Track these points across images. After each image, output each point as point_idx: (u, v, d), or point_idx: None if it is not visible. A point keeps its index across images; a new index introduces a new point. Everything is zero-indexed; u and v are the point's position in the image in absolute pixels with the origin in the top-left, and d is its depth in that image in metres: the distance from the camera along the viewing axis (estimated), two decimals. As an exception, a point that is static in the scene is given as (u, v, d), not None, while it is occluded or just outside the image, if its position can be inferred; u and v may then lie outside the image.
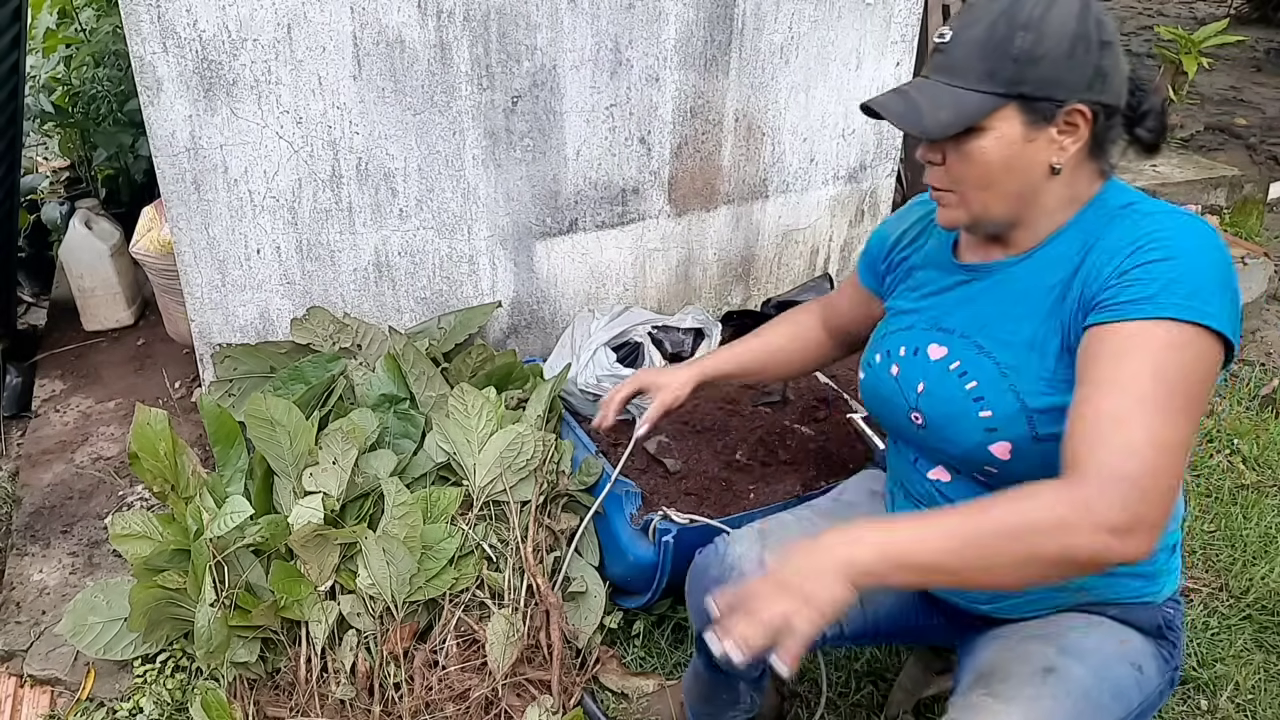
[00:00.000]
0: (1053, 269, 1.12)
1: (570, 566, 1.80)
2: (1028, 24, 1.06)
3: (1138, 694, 1.17)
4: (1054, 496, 0.94)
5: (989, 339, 1.16)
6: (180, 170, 1.79)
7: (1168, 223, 1.05)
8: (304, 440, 1.69)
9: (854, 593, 0.94)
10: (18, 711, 1.67)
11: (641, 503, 1.75)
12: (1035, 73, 1.06)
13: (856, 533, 0.97)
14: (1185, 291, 0.98)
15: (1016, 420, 1.11)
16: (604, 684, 1.77)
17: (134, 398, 2.37)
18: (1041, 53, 1.05)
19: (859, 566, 0.94)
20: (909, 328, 1.27)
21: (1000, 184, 1.11)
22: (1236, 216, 3.74)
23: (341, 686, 1.61)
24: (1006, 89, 1.06)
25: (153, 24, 1.67)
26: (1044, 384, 1.10)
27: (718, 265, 2.50)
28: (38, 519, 2.05)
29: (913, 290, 1.31)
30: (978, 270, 1.21)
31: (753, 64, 2.27)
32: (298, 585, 1.60)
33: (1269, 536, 2.16)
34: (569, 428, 1.94)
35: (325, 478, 1.67)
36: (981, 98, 1.07)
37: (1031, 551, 0.93)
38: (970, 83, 1.07)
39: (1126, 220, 1.08)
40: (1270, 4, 7.65)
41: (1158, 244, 1.02)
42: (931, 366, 1.20)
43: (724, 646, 0.95)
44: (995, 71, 1.06)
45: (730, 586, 1.28)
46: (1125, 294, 1.00)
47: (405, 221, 2.02)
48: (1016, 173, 1.10)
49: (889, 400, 1.27)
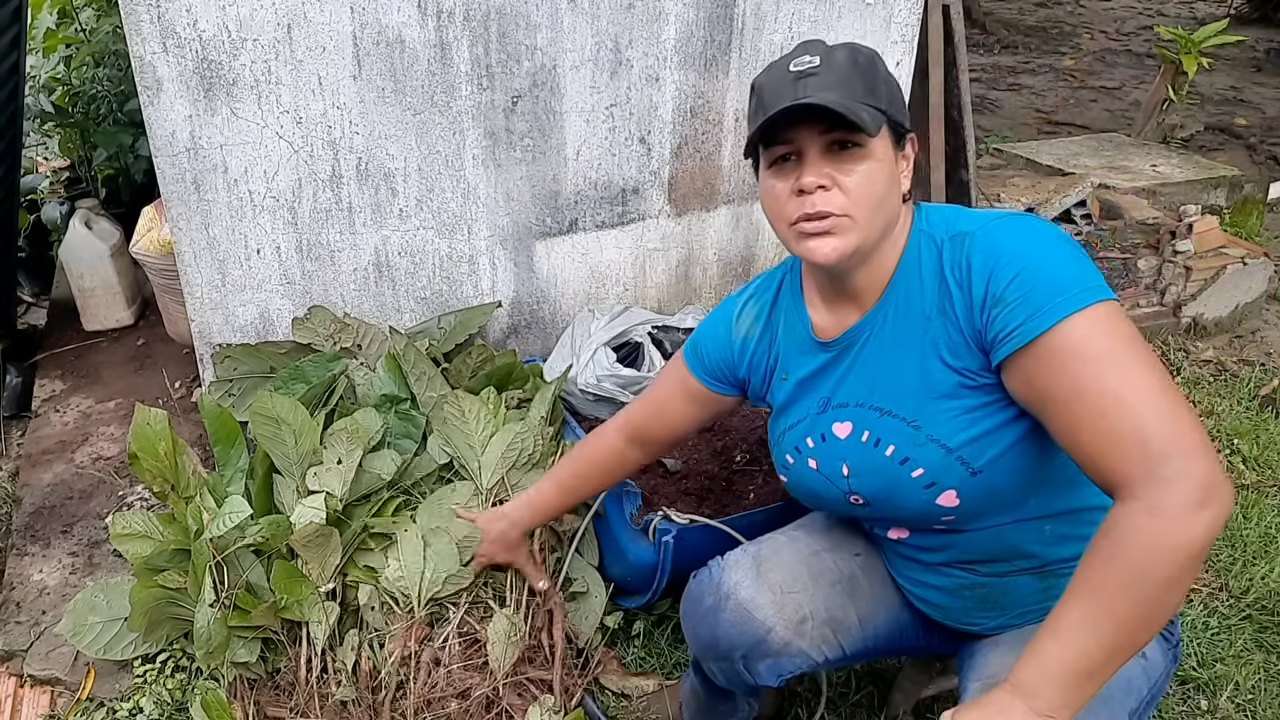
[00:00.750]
0: (910, 311, 1.13)
1: (570, 566, 1.80)
2: (874, 54, 1.11)
3: (1145, 682, 1.18)
4: (1130, 525, 0.92)
5: (884, 398, 1.15)
6: (180, 170, 1.79)
7: (996, 235, 1.06)
8: (309, 439, 1.69)
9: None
10: (18, 711, 1.67)
11: (641, 503, 1.75)
12: (895, 96, 1.10)
13: (1026, 687, 0.93)
14: (1057, 287, 0.99)
15: (948, 467, 1.10)
16: (604, 684, 1.77)
17: (134, 398, 2.37)
18: (894, 81, 1.11)
19: (1060, 718, 0.92)
20: (803, 418, 1.25)
21: (885, 203, 1.11)
22: (1236, 216, 3.74)
23: (342, 687, 1.61)
24: (885, 106, 1.08)
25: (153, 24, 1.67)
26: (956, 421, 1.10)
27: (718, 265, 2.50)
28: (38, 519, 2.05)
29: (784, 380, 1.28)
30: (843, 340, 1.20)
31: (753, 64, 2.27)
32: (299, 585, 1.60)
33: (1269, 536, 2.16)
34: (569, 428, 1.94)
35: (329, 477, 1.67)
36: (875, 110, 1.07)
37: (1158, 580, 0.90)
38: (859, 96, 1.07)
39: (959, 245, 1.09)
40: (1270, 4, 7.66)
41: (1004, 260, 1.03)
42: (845, 445, 1.19)
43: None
44: (873, 88, 1.08)
45: (726, 615, 1.28)
46: (1015, 317, 1.01)
47: (405, 221, 2.02)
48: (894, 192, 1.12)
49: (821, 494, 1.26)
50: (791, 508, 1.67)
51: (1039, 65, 6.83)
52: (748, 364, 1.33)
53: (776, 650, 1.27)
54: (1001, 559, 1.20)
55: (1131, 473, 0.92)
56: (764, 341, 1.31)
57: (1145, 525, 0.91)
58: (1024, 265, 1.01)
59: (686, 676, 1.56)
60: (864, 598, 1.34)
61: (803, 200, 1.09)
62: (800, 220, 1.10)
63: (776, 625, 1.26)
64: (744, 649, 1.27)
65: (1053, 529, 1.17)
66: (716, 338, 1.37)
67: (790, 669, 1.29)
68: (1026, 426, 1.07)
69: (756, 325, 1.32)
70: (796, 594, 1.29)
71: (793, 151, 1.10)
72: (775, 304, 1.31)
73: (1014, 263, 1.02)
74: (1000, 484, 1.11)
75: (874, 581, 1.36)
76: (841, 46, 1.10)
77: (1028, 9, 8.76)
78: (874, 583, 1.36)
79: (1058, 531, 1.17)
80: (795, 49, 1.12)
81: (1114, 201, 3.59)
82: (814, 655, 1.29)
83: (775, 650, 1.27)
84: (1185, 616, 1.92)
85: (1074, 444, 0.98)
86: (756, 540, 1.40)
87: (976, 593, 1.24)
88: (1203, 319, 3.12)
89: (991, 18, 7.88)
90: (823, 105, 1.04)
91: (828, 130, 1.07)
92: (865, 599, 1.34)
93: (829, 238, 1.09)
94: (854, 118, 1.03)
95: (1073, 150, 4.10)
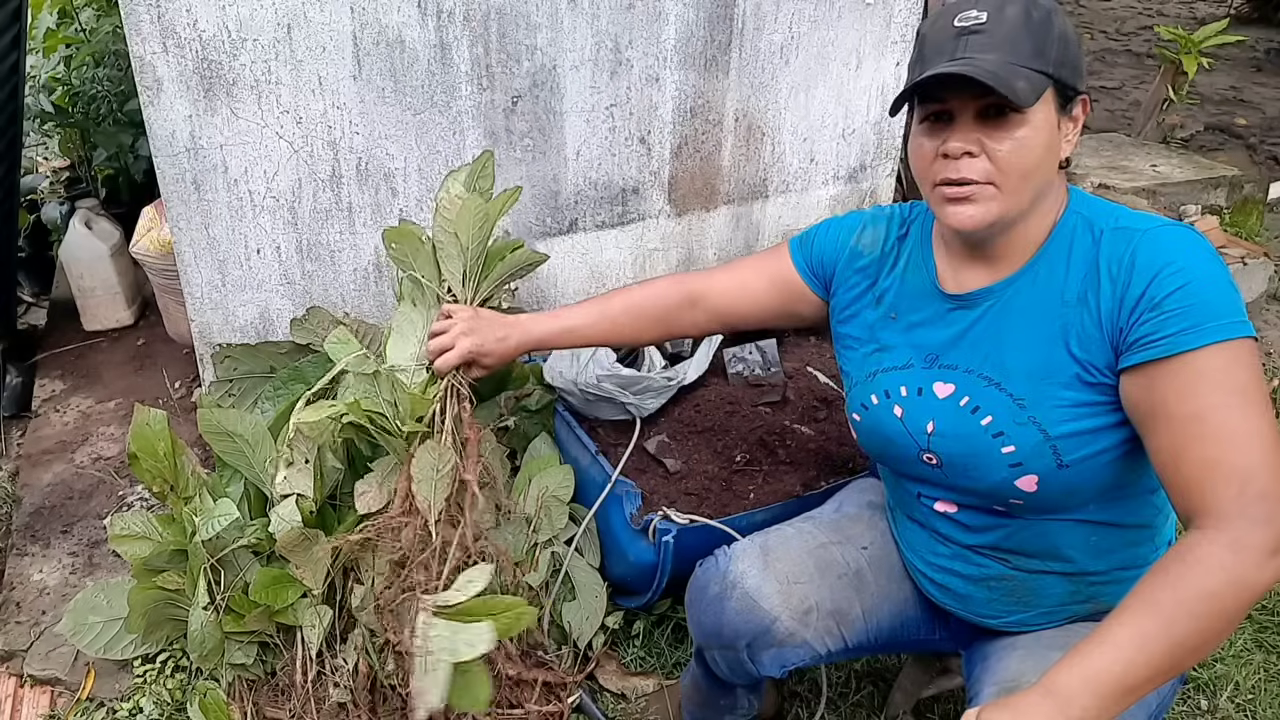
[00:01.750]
0: (1049, 291, 1.10)
1: (570, 566, 1.80)
2: (1052, 7, 1.04)
3: (1154, 696, 1.17)
4: (1207, 553, 0.92)
5: (997, 370, 1.13)
6: (180, 170, 1.79)
7: (1166, 241, 1.04)
8: (266, 447, 1.66)
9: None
10: (18, 711, 1.67)
11: (641, 503, 1.75)
12: (1068, 56, 1.05)
13: (1063, 692, 0.91)
14: (1216, 311, 0.98)
15: (1041, 452, 1.09)
16: (603, 684, 1.77)
17: (134, 398, 2.37)
18: (1071, 36, 1.05)
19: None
20: (906, 365, 1.22)
21: (1038, 173, 1.07)
22: (1236, 216, 3.73)
23: (339, 690, 1.61)
24: (1053, 70, 1.03)
25: (153, 24, 1.67)
26: (1062, 411, 1.08)
27: (718, 265, 2.50)
28: (38, 519, 2.05)
29: (891, 319, 1.25)
30: (968, 299, 1.17)
31: (753, 64, 2.27)
32: (284, 592, 1.59)
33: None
34: (569, 427, 1.94)
35: (299, 479, 1.63)
36: (1038, 75, 1.03)
37: (1222, 613, 0.91)
38: (1023, 59, 1.02)
39: (1124, 240, 1.06)
40: (1270, 4, 7.66)
41: (1172, 268, 1.01)
42: (941, 405, 1.17)
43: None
44: (1043, 50, 1.03)
45: (731, 604, 1.28)
46: (1167, 327, 0.99)
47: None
48: (1049, 161, 1.07)
49: (895, 443, 1.23)
50: (791, 507, 1.67)
51: (1039, 65, 6.81)
52: (852, 273, 1.31)
53: (781, 640, 1.27)
54: (1038, 556, 1.19)
55: (1224, 507, 0.93)
56: (873, 265, 1.29)
57: (1224, 558, 0.91)
58: (1190, 279, 1.00)
59: (687, 670, 1.56)
60: (870, 591, 1.34)
61: (947, 164, 1.07)
62: (942, 184, 1.08)
63: (782, 615, 1.26)
64: (749, 637, 1.28)
65: (1098, 540, 1.17)
66: (832, 234, 1.35)
67: (794, 660, 1.29)
68: (1125, 435, 1.07)
69: (875, 247, 1.30)
70: (802, 584, 1.29)
71: (945, 110, 1.07)
72: (903, 239, 1.28)
73: (1181, 274, 1.00)
74: (1081, 483, 1.10)
75: (881, 576, 1.36)
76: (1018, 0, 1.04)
77: (1028, 9, 8.74)
78: (880, 577, 1.35)
79: (1101, 544, 1.17)
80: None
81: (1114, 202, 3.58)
82: (818, 647, 1.29)
83: (780, 640, 1.27)
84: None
85: (1174, 464, 0.98)
86: (764, 531, 1.40)
87: (1005, 584, 1.23)
88: (1203, 319, 3.11)
89: (991, 18, 7.86)
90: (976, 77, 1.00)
91: (982, 95, 1.03)
92: (871, 593, 1.34)
93: (969, 204, 1.07)
94: (1006, 91, 0.99)
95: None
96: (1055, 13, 1.05)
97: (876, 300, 1.28)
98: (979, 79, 1.00)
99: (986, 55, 1.02)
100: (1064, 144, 1.09)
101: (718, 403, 2.03)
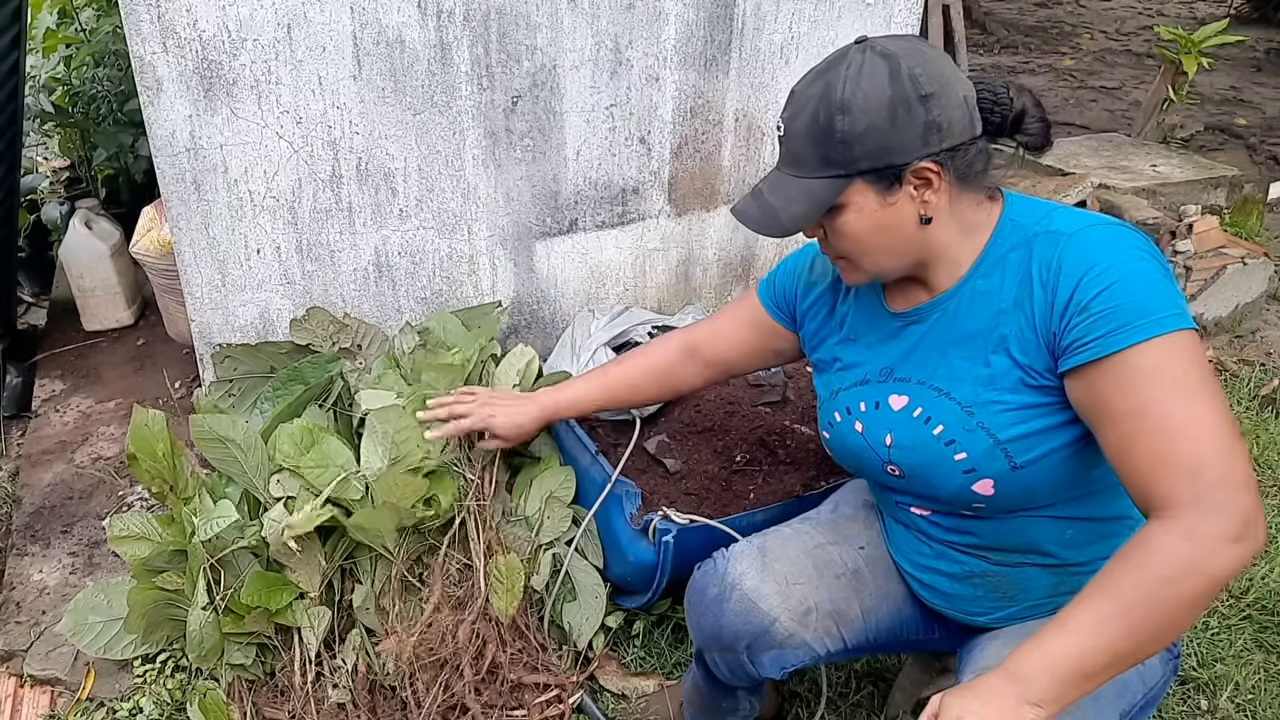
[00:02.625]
0: (988, 300, 1.13)
1: (571, 567, 1.80)
2: (843, 107, 1.06)
3: (1141, 686, 1.18)
4: (1163, 542, 0.94)
5: (945, 380, 1.16)
6: (180, 170, 1.79)
7: (1094, 241, 1.05)
8: (258, 451, 1.67)
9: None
10: (18, 711, 1.67)
11: (641, 503, 1.75)
12: (864, 149, 1.07)
13: (1021, 674, 0.94)
14: (1146, 308, 0.99)
15: (992, 456, 1.11)
16: (604, 684, 1.77)
17: (134, 398, 2.37)
18: (862, 129, 1.06)
19: (1047, 710, 0.93)
20: (863, 382, 1.26)
21: (878, 246, 1.14)
22: (1236, 216, 3.73)
23: (338, 690, 1.61)
24: (846, 170, 1.09)
25: (153, 24, 1.67)
26: (1009, 415, 1.10)
27: (718, 265, 2.50)
28: (38, 519, 2.05)
29: (851, 340, 1.30)
30: (912, 315, 1.21)
31: (753, 64, 2.27)
32: (279, 594, 1.59)
33: (1269, 537, 2.16)
34: (569, 427, 1.94)
35: (294, 482, 1.65)
36: (826, 183, 1.10)
37: (1180, 598, 0.92)
38: (810, 171, 1.10)
39: (1052, 244, 1.08)
40: (1270, 4, 7.65)
41: (1097, 270, 1.02)
42: (896, 417, 1.20)
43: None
44: (829, 157, 1.09)
45: (730, 605, 1.29)
46: (1096, 329, 1.01)
47: (405, 221, 2.02)
48: (889, 233, 1.13)
49: (860, 457, 1.27)
50: (791, 507, 1.67)
51: (1039, 65, 6.83)
52: (810, 303, 1.38)
53: (780, 641, 1.28)
54: (1017, 551, 1.20)
55: (1178, 497, 0.94)
56: (830, 292, 1.35)
57: (1180, 545, 0.93)
58: (1115, 279, 1.01)
59: (689, 674, 1.57)
60: (868, 591, 1.35)
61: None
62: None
63: (781, 616, 1.27)
64: (749, 639, 1.28)
65: (1074, 533, 1.18)
66: (789, 270, 1.43)
67: (793, 661, 1.29)
68: (1076, 433, 1.08)
69: (826, 276, 1.36)
70: (801, 585, 1.30)
71: None
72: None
73: (1106, 275, 1.02)
74: (1037, 483, 1.12)
75: (878, 575, 1.36)
76: (809, 103, 1.09)
77: (1028, 9, 8.76)
78: (878, 576, 1.36)
79: (1079, 537, 1.18)
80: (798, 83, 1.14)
81: (1114, 201, 3.58)
82: (817, 647, 1.30)
83: (779, 641, 1.28)
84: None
85: (1125, 459, 0.99)
86: (761, 532, 1.41)
87: (988, 580, 1.24)
88: (1203, 319, 3.11)
89: (991, 18, 7.88)
90: (746, 226, 1.17)
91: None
92: (869, 592, 1.34)
93: (844, 273, 1.22)
94: (771, 232, 1.14)
95: (1072, 150, 4.10)
96: (844, 111, 1.06)
97: (839, 325, 1.33)
98: (750, 228, 1.16)
99: (786, 171, 1.14)
100: (921, 206, 1.11)
101: (718, 403, 2.03)
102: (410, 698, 1.61)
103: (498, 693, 1.65)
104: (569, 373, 1.96)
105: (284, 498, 1.64)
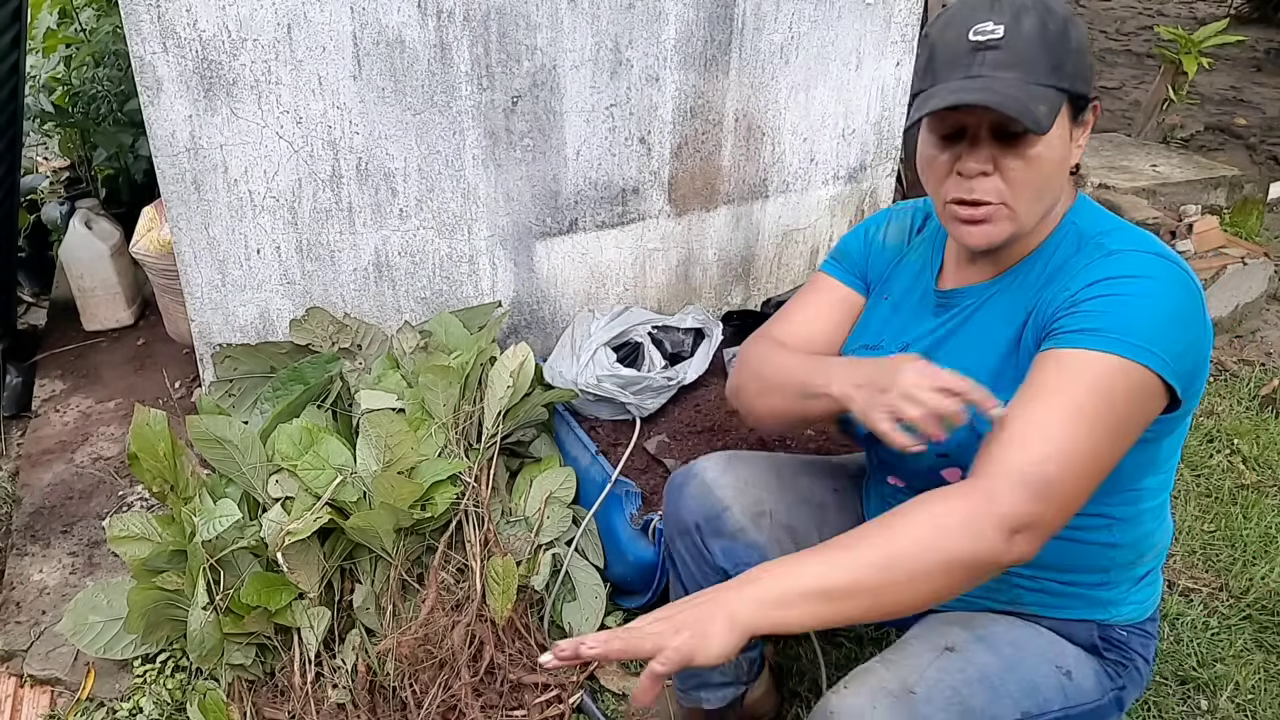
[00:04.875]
0: (1019, 296, 1.11)
1: (571, 566, 1.80)
2: (1069, 18, 1.02)
3: (1059, 697, 1.12)
4: (957, 491, 0.94)
5: (952, 366, 1.14)
6: (180, 170, 1.79)
7: (1132, 263, 1.02)
8: (255, 453, 1.67)
9: (743, 642, 0.88)
10: (18, 711, 1.67)
11: (641, 503, 1.75)
12: (1083, 67, 1.02)
13: (743, 580, 0.92)
14: (1131, 330, 0.96)
15: (969, 446, 1.09)
16: (604, 684, 1.77)
17: (134, 398, 2.37)
18: (1085, 44, 1.02)
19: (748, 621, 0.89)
20: (876, 345, 1.24)
21: (1050, 189, 1.06)
22: (1236, 216, 3.73)
23: (338, 690, 1.61)
24: (1071, 85, 1.02)
25: (153, 24, 1.67)
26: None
27: (718, 265, 2.50)
28: (38, 519, 2.04)
29: (884, 299, 1.28)
30: (951, 298, 1.19)
31: (753, 64, 2.27)
32: (278, 594, 1.59)
33: (1269, 536, 2.16)
34: (569, 427, 1.94)
35: (292, 483, 1.65)
36: (1055, 93, 1.01)
37: (922, 561, 0.90)
38: (1040, 77, 1.00)
39: (1090, 254, 1.05)
40: (1270, 4, 7.65)
41: (1116, 281, 1.00)
42: None
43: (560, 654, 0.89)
44: (1060, 65, 1.01)
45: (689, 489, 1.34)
46: (1074, 323, 0.99)
47: (405, 221, 2.02)
48: (1060, 175, 1.06)
49: (853, 420, 1.26)
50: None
51: (1039, 65, 6.80)
52: (880, 264, 1.32)
53: (732, 532, 1.32)
54: None
55: (1004, 467, 0.93)
56: (903, 255, 1.31)
57: (972, 504, 0.92)
58: (1120, 294, 0.99)
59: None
60: (831, 525, 1.35)
61: (961, 183, 1.05)
62: (955, 202, 1.07)
63: (734, 506, 1.32)
64: (701, 520, 1.33)
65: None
66: (857, 235, 1.36)
67: (745, 558, 1.31)
68: None
69: (900, 236, 1.32)
70: (758, 489, 1.34)
71: (960, 126, 1.05)
72: (920, 231, 1.30)
73: (1116, 289, 0.99)
74: None
75: (844, 516, 1.38)
76: (1032, 8, 1.00)
77: (1028, 9, 8.74)
78: (844, 517, 1.38)
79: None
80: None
81: (1114, 201, 3.58)
82: (770, 553, 1.30)
83: (730, 531, 1.32)
84: (1185, 616, 1.92)
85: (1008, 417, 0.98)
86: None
87: None
88: (1203, 319, 3.11)
89: (991, 18, 7.85)
90: (999, 108, 0.98)
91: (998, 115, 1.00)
92: (832, 527, 1.33)
93: (983, 225, 1.06)
94: (1029, 121, 0.97)
95: (1073, 150, 4.09)
96: (1071, 23, 1.02)
97: (886, 280, 1.32)
98: (1004, 110, 0.97)
99: (1004, 74, 0.99)
100: (1075, 151, 1.08)
101: (718, 403, 2.03)
102: (410, 698, 1.61)
103: (498, 693, 1.65)
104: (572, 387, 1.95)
105: (282, 498, 1.64)
